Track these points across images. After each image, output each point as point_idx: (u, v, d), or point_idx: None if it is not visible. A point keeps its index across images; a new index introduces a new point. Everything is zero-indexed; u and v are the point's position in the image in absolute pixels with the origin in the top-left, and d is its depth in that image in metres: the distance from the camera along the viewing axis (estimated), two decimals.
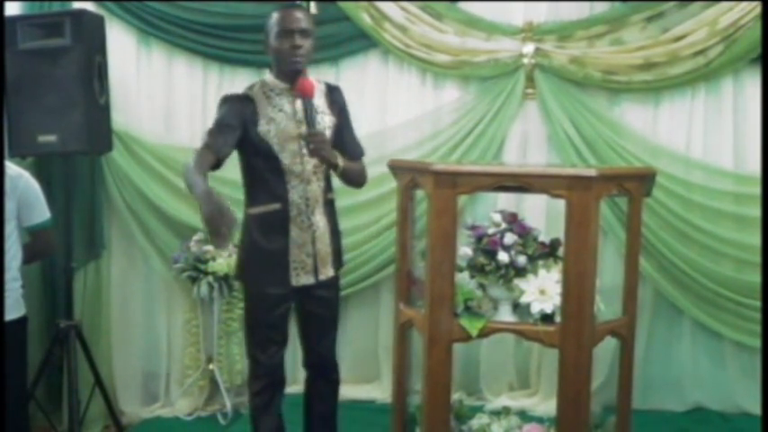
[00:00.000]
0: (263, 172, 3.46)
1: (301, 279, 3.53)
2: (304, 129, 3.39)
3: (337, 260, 3.67)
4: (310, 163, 3.46)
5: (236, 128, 3.39)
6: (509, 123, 4.85)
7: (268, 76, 3.55)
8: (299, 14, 3.43)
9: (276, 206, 3.46)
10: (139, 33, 4.95)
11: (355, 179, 3.66)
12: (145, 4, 4.85)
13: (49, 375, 4.65)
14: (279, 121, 3.44)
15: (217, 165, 3.33)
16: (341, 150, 3.53)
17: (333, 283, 3.68)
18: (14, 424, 3.70)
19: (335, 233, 3.64)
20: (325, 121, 3.53)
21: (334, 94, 3.64)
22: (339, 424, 3.86)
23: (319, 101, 3.54)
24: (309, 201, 3.49)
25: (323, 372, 3.77)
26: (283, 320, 3.58)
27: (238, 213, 3.03)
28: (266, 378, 3.58)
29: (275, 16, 3.43)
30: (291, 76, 3.44)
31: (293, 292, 3.55)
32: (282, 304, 3.54)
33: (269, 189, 3.46)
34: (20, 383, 3.76)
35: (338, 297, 3.77)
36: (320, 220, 3.54)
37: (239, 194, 3.59)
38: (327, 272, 3.60)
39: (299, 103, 3.43)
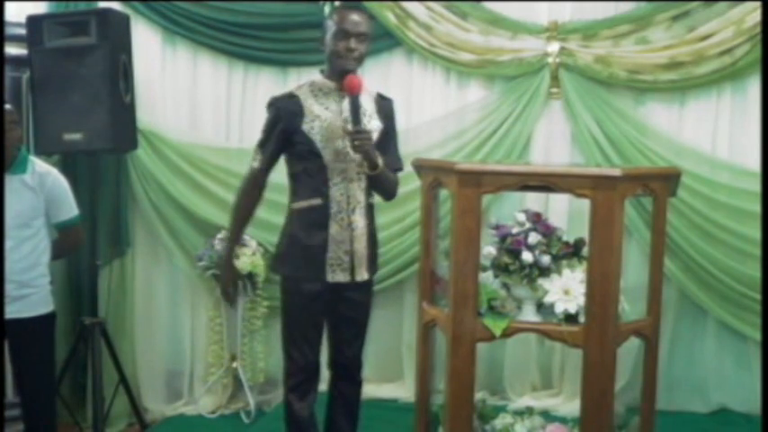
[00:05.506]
0: (307, 168, 3.48)
1: (337, 276, 3.52)
2: (349, 126, 3.39)
3: (372, 265, 3.65)
4: (354, 162, 3.47)
5: (278, 136, 3.49)
6: (533, 123, 4.83)
7: (318, 76, 3.58)
8: (357, 17, 3.44)
9: (318, 201, 3.47)
10: (164, 32, 4.97)
11: (388, 188, 3.65)
12: (170, 3, 4.87)
13: (74, 372, 4.70)
14: (324, 119, 3.46)
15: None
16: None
17: (366, 287, 3.67)
18: (42, 419, 3.74)
19: (373, 237, 3.63)
20: (372, 125, 3.54)
21: (384, 104, 3.67)
22: (362, 423, 3.85)
23: (368, 105, 3.57)
24: (350, 199, 3.50)
25: (348, 373, 3.75)
26: (317, 319, 3.58)
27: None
28: (300, 375, 3.58)
29: (335, 16, 3.45)
30: (341, 76, 3.44)
31: (328, 292, 3.54)
32: (317, 302, 3.53)
33: (312, 185, 3.48)
34: (48, 379, 3.80)
35: (370, 301, 3.75)
36: (360, 220, 3.53)
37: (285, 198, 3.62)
38: (362, 274, 3.57)
39: (345, 103, 3.43)
